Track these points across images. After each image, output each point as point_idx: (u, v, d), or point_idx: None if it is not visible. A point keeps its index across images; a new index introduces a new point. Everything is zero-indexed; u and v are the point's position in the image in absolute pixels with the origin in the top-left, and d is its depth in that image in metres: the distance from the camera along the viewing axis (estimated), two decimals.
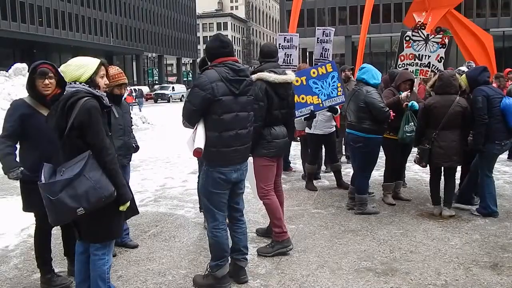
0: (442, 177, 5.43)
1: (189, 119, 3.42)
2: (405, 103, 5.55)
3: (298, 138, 7.72)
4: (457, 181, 5.84)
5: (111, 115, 3.23)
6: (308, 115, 6.59)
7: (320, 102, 6.48)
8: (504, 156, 9.25)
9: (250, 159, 4.09)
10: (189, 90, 3.48)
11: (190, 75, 72.95)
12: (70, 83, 2.96)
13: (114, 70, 4.31)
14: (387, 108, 5.19)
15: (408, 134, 5.56)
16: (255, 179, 4.26)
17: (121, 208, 3.00)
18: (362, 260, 4.13)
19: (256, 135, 4.02)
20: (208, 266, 3.64)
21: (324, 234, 4.84)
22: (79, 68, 2.95)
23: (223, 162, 3.46)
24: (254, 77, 4.08)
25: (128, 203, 3.04)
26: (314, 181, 7.20)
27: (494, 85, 8.03)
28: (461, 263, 4.05)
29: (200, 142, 3.32)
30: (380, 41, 47.55)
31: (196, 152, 3.33)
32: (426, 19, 9.03)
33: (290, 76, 4.31)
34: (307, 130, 6.81)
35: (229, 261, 3.66)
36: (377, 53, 49.41)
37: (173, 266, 4.08)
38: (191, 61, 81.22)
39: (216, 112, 3.36)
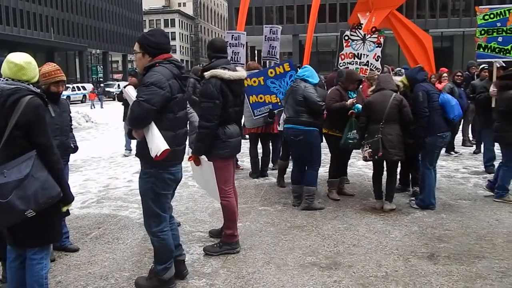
0: (385, 173, 5.63)
1: (145, 120, 3.15)
2: (351, 111, 5.70)
3: (247, 135, 7.77)
4: (397, 176, 6.08)
5: (47, 114, 3.10)
6: (266, 114, 6.73)
7: (279, 101, 6.60)
8: (442, 150, 9.72)
9: (205, 160, 4.04)
10: (139, 88, 3.22)
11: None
12: (4, 79, 2.81)
13: (50, 67, 4.11)
14: (323, 103, 5.42)
15: (350, 141, 5.73)
16: (215, 180, 4.08)
17: (65, 208, 2.95)
18: (307, 255, 4.20)
19: (210, 135, 3.99)
20: (152, 270, 3.56)
21: (270, 231, 4.87)
22: (36, 67, 2.89)
23: (175, 162, 3.39)
24: (207, 74, 4.01)
25: (72, 204, 2.96)
26: (261, 178, 7.26)
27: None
28: (401, 254, 4.21)
29: (164, 142, 3.15)
30: (327, 40, 48.55)
31: (164, 154, 3.13)
32: (370, 19, 9.30)
33: (243, 72, 4.28)
34: (279, 128, 6.94)
35: None
36: (323, 52, 50.40)
37: (116, 269, 3.96)
38: None
39: (173, 110, 3.28)
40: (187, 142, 3.68)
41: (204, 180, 4.21)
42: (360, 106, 5.68)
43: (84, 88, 38.95)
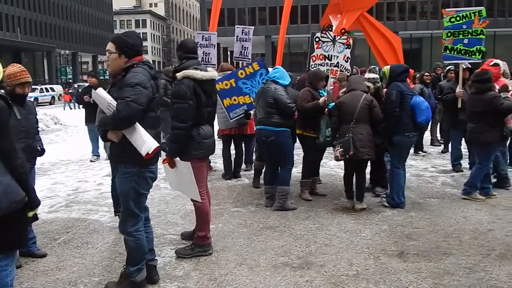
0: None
1: (133, 120, 3.19)
2: (326, 109, 5.75)
3: (221, 136, 7.74)
4: (367, 175, 6.18)
5: (12, 116, 3.01)
6: (242, 115, 6.77)
7: (252, 100, 6.60)
8: (411, 150, 9.91)
9: (180, 161, 4.00)
10: (124, 89, 3.21)
11: (108, 74, 70.21)
12: None
13: (15, 68, 4.00)
14: (293, 104, 5.44)
15: (328, 139, 5.79)
16: (194, 180, 4.04)
17: (31, 213, 2.84)
18: (280, 256, 4.21)
19: (185, 136, 3.97)
20: (123, 273, 3.51)
21: (243, 232, 4.87)
22: (0, 69, 2.78)
23: (155, 160, 3.44)
24: (179, 75, 4.00)
25: (38, 209, 2.87)
26: (234, 180, 7.25)
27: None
28: (371, 253, 4.27)
29: (154, 140, 3.26)
30: (299, 42, 48.93)
31: (154, 151, 3.22)
32: (341, 21, 9.42)
33: (215, 72, 4.30)
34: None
35: None
36: (296, 53, 50.75)
37: (85, 274, 3.88)
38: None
39: (154, 109, 3.38)
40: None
41: (179, 182, 4.16)
42: (333, 104, 5.75)
43: (52, 90, 38.06)
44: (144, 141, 3.20)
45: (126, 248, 3.51)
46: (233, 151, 7.54)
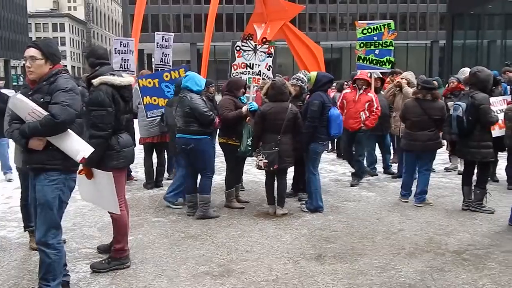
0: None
1: (68, 124, 3.24)
2: (248, 118, 5.79)
3: (142, 145, 7.53)
4: (289, 181, 6.31)
5: None
6: (159, 117, 6.69)
7: None
8: (333, 155, 10.32)
9: (99, 171, 3.83)
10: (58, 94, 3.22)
11: (22, 79, 65.80)
12: None
13: None
14: (211, 113, 5.40)
15: (250, 148, 5.83)
16: (114, 190, 3.86)
17: None
18: (200, 265, 4.17)
19: (103, 145, 3.84)
20: None
21: (163, 243, 4.76)
22: None
23: (77, 167, 3.41)
24: (96, 81, 3.86)
25: None
26: (156, 189, 7.11)
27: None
28: (291, 257, 4.36)
29: (88, 145, 3.32)
30: (225, 49, 48.99)
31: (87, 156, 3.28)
32: (265, 30, 9.60)
33: (131, 78, 4.22)
34: None
35: None
36: (222, 60, 50.79)
37: None
38: (22, 64, 73.37)
39: (80, 116, 3.43)
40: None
41: (96, 194, 3.96)
42: (255, 104, 5.81)
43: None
44: (80, 144, 3.26)
45: (42, 264, 3.34)
46: (155, 160, 7.38)
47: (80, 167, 3.93)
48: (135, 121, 7.15)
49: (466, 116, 5.54)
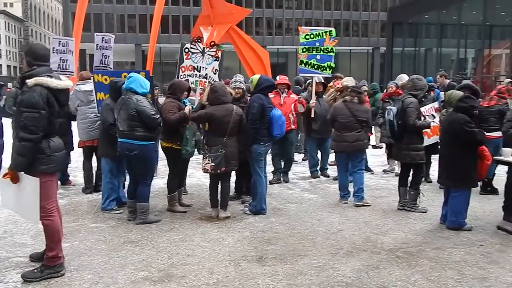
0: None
1: None
2: (190, 121, 5.74)
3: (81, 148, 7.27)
4: (232, 184, 6.32)
5: None
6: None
7: None
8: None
9: (26, 176, 3.65)
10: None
11: None
12: None
13: None
14: (158, 116, 5.29)
15: (194, 149, 5.79)
16: (37, 199, 3.70)
17: None
18: (140, 271, 4.08)
19: (33, 149, 3.67)
20: None
21: (101, 249, 4.62)
22: None
23: None
24: (30, 82, 3.69)
25: None
26: (95, 194, 6.89)
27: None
28: (232, 260, 4.36)
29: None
30: (171, 51, 48.53)
31: None
32: (212, 33, 9.60)
33: (69, 82, 4.05)
34: None
35: None
36: (168, 62, 50.23)
37: None
38: None
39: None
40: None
41: (17, 200, 3.78)
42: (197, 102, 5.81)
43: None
44: None
45: None
46: (94, 164, 7.14)
47: (5, 170, 3.76)
48: (74, 124, 6.95)
49: (397, 120, 5.81)
